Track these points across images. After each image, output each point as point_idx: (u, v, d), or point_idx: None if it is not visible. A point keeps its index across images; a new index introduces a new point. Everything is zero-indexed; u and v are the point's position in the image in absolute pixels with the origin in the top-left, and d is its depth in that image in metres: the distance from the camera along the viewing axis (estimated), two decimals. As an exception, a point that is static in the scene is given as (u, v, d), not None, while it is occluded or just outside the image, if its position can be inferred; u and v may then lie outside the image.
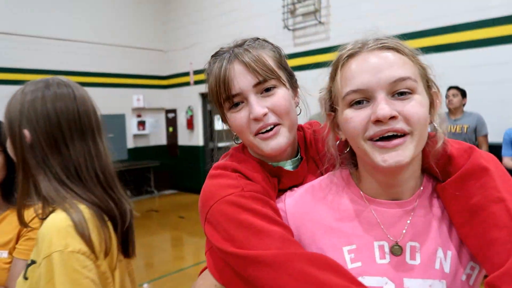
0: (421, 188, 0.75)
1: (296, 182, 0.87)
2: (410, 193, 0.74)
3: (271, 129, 0.80)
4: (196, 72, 8.01)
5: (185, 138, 8.48)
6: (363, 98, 0.67)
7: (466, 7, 4.43)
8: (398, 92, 0.65)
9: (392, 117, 0.63)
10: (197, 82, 8.03)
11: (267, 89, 0.80)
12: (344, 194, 0.79)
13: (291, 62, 0.89)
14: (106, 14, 7.77)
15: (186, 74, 8.25)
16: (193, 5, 8.00)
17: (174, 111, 8.68)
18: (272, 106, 0.80)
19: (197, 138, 8.20)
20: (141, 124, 8.38)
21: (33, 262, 0.84)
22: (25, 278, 0.86)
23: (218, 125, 8.39)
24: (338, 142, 0.78)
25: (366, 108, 0.66)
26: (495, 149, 3.84)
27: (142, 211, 6.90)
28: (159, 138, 8.86)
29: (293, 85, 0.88)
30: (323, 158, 0.86)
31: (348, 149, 0.77)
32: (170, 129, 8.78)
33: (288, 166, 0.87)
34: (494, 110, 4.22)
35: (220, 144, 8.27)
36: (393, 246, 0.71)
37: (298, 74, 0.92)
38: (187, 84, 8.27)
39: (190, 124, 8.22)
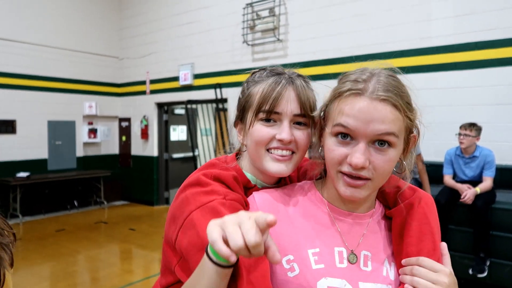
0: (374, 209, 0.87)
1: None
2: (365, 210, 0.86)
3: (287, 154, 0.88)
4: (153, 82, 7.88)
5: (138, 148, 8.26)
6: (348, 134, 0.75)
7: (411, 35, 4.77)
8: (379, 141, 0.74)
9: (363, 167, 0.73)
10: (153, 92, 7.89)
11: (299, 123, 0.89)
12: (309, 199, 0.87)
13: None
14: (57, 17, 7.47)
15: (142, 82, 8.09)
16: (150, 14, 7.90)
17: (128, 120, 8.44)
18: (298, 138, 0.88)
19: (151, 149, 8.01)
20: (92, 132, 8.07)
21: None
22: None
23: (174, 136, 8.28)
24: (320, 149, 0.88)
25: (347, 146, 0.75)
26: (438, 168, 4.12)
27: (90, 223, 6.58)
28: (111, 147, 8.56)
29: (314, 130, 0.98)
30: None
31: None
32: (123, 138, 8.52)
33: (262, 186, 0.94)
34: (435, 132, 4.53)
35: (175, 155, 8.14)
36: (349, 255, 0.80)
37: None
38: (142, 93, 8.10)
39: (144, 134, 8.03)
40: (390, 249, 0.84)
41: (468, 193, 3.57)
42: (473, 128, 3.73)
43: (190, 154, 7.87)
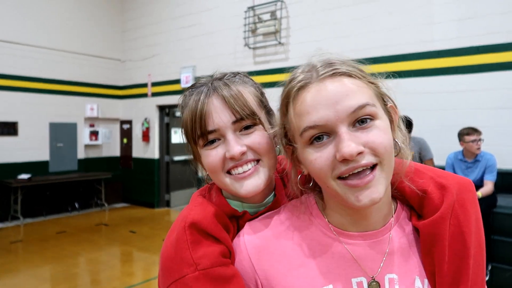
0: (393, 217, 0.71)
1: None
2: (382, 222, 0.70)
3: (249, 169, 0.75)
4: (154, 84, 7.89)
5: (139, 150, 8.27)
6: (322, 133, 0.61)
7: (414, 39, 4.77)
8: (359, 120, 0.60)
9: (359, 153, 0.59)
10: (154, 94, 7.91)
11: (247, 127, 0.75)
12: (310, 226, 0.72)
13: (251, 80, 0.92)
14: (59, 20, 7.50)
15: (144, 85, 8.10)
16: (152, 17, 7.93)
17: (129, 122, 8.46)
18: (252, 144, 0.74)
19: (152, 151, 8.02)
20: (94, 134, 8.08)
21: None
22: None
23: (175, 138, 8.28)
24: (300, 176, 0.74)
25: (329, 146, 0.61)
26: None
27: (90, 225, 6.58)
28: (113, 149, 8.57)
29: (272, 124, 0.81)
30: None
31: (312, 183, 0.73)
32: (125, 140, 8.53)
33: (253, 210, 0.81)
34: (437, 135, 4.52)
35: (176, 158, 8.15)
36: (370, 283, 0.66)
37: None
38: (144, 95, 8.12)
39: (145, 136, 8.04)
40: (419, 262, 0.69)
41: (469, 197, 3.56)
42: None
43: (191, 156, 7.86)
